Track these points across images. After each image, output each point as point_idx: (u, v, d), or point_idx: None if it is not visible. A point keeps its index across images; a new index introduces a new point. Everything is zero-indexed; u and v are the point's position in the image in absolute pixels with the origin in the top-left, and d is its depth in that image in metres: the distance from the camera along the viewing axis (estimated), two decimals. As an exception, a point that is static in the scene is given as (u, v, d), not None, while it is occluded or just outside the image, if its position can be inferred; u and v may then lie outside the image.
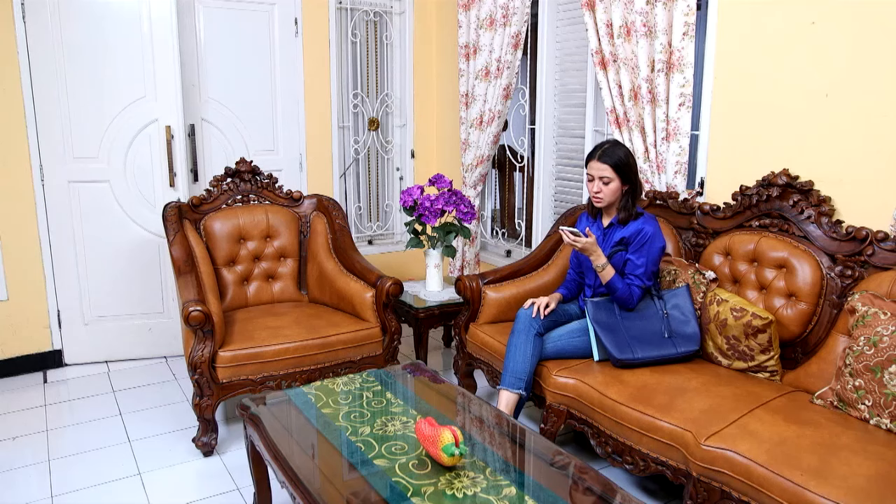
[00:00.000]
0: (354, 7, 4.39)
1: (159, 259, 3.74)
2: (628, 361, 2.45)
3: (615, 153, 2.57)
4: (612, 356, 2.47)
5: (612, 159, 2.56)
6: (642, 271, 2.56)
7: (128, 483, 2.59)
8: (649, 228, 2.58)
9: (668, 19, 2.79)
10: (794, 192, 2.50)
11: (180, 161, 3.64)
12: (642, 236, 2.57)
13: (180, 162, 3.64)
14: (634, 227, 2.59)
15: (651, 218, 2.63)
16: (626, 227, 2.62)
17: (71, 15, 3.40)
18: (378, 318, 3.06)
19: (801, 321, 2.39)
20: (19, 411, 3.20)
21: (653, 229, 2.58)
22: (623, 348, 2.46)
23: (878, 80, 2.29)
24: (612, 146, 2.60)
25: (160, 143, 3.61)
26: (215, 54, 3.91)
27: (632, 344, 2.47)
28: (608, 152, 2.57)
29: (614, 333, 2.50)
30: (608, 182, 2.57)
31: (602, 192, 2.60)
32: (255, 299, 3.38)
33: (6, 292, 3.53)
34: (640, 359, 2.45)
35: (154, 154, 3.61)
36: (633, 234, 2.58)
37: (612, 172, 2.56)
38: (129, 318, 3.76)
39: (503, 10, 3.70)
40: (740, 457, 1.89)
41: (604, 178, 2.57)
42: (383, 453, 1.87)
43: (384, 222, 4.84)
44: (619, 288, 2.54)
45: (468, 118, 4.10)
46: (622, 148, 2.60)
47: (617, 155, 2.56)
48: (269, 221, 3.45)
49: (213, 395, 2.70)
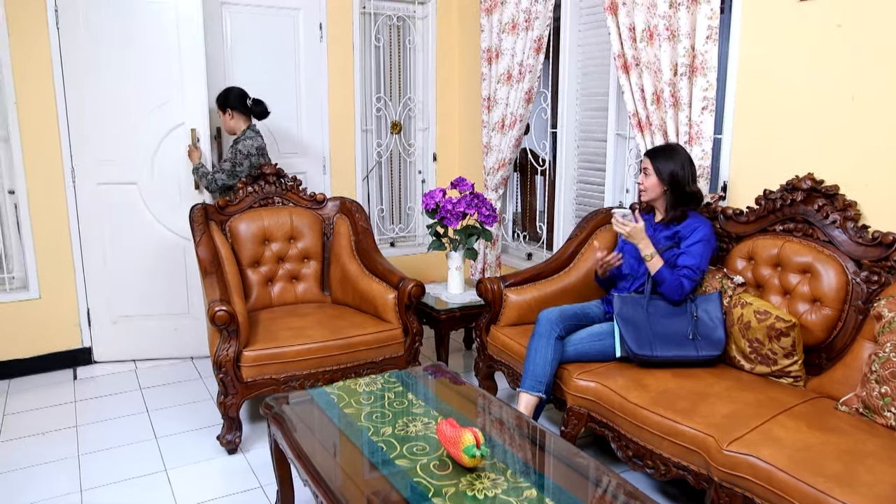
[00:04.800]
0: (378, 12, 4.44)
1: (185, 260, 3.80)
2: (646, 358, 2.45)
3: (663, 150, 2.70)
4: (630, 350, 2.47)
5: (655, 153, 2.69)
6: (696, 262, 2.55)
7: (154, 479, 2.64)
8: (706, 227, 2.63)
9: (692, 23, 2.79)
10: (819, 197, 2.48)
11: (206, 163, 3.70)
12: (697, 231, 2.60)
13: (206, 164, 3.70)
14: (689, 224, 2.65)
15: (706, 221, 2.67)
16: (679, 225, 2.67)
17: (101, 20, 3.48)
18: (400, 320, 3.08)
19: (825, 326, 2.37)
20: (50, 407, 3.28)
21: (709, 229, 2.63)
22: (643, 344, 2.46)
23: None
24: (669, 145, 2.73)
25: (186, 145, 3.67)
26: (241, 58, 3.97)
27: (653, 342, 2.46)
28: (659, 148, 2.72)
29: (637, 329, 2.50)
30: (649, 174, 2.69)
31: (643, 183, 2.71)
32: (279, 300, 3.43)
33: (38, 291, 3.62)
34: (658, 357, 2.45)
35: (180, 157, 3.68)
36: (688, 229, 2.63)
37: (651, 165, 2.67)
38: (156, 317, 3.83)
39: (525, 15, 3.71)
40: (763, 462, 1.87)
41: (646, 170, 2.70)
42: (405, 454, 1.89)
43: (406, 224, 4.87)
44: (667, 279, 2.54)
45: (490, 122, 4.11)
46: (675, 149, 2.69)
47: (663, 151, 2.68)
48: (293, 223, 3.49)
49: (238, 394, 2.75)
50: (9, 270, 3.64)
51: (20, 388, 3.51)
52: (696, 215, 2.68)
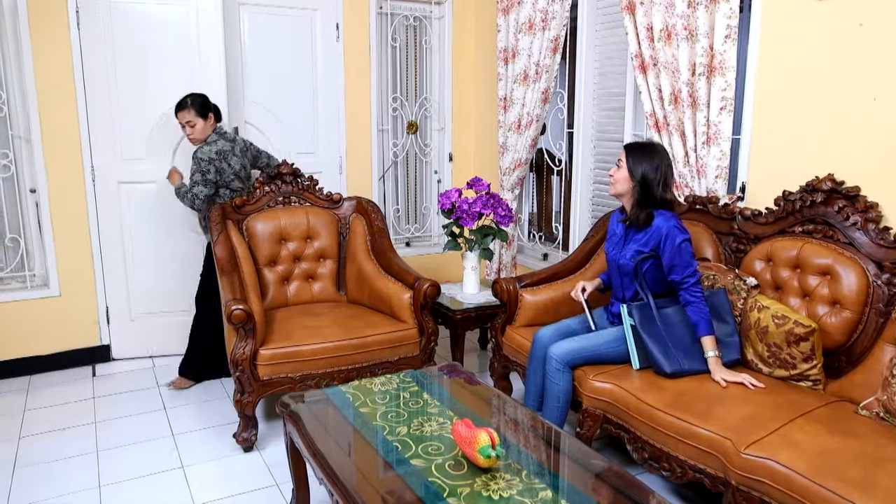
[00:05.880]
0: (394, 12, 4.45)
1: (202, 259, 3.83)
2: (679, 375, 2.41)
3: (642, 146, 2.58)
4: (662, 370, 2.42)
5: (633, 148, 2.58)
6: (691, 268, 2.49)
7: (171, 475, 2.67)
8: (663, 224, 2.50)
9: (710, 22, 2.76)
10: (840, 198, 2.45)
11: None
12: (664, 239, 2.49)
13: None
14: (653, 233, 2.52)
15: (662, 214, 2.54)
16: (644, 232, 2.55)
17: (122, 21, 3.53)
18: (415, 320, 3.09)
19: (845, 330, 2.34)
20: (69, 403, 3.33)
21: (666, 224, 2.50)
22: (672, 361, 2.42)
23: (929, 83, 2.24)
24: (651, 144, 2.61)
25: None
26: (258, 58, 4.00)
27: (678, 356, 2.43)
28: (639, 144, 2.61)
29: (661, 344, 2.45)
30: (620, 167, 2.58)
31: (614, 175, 2.61)
32: (295, 299, 3.45)
33: (59, 289, 3.67)
34: (686, 370, 2.42)
35: (199, 156, 3.71)
36: (656, 240, 2.51)
37: (625, 158, 2.57)
38: (174, 315, 3.86)
39: (542, 15, 3.70)
40: (781, 466, 1.86)
41: (620, 162, 2.59)
42: (420, 453, 1.89)
43: (422, 224, 4.87)
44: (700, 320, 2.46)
45: (506, 122, 4.11)
46: (655, 149, 2.56)
47: (641, 148, 2.57)
48: (310, 223, 3.51)
49: (254, 392, 2.77)
50: (30, 268, 3.69)
51: (40, 384, 3.56)
52: (661, 212, 2.55)
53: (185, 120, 3.24)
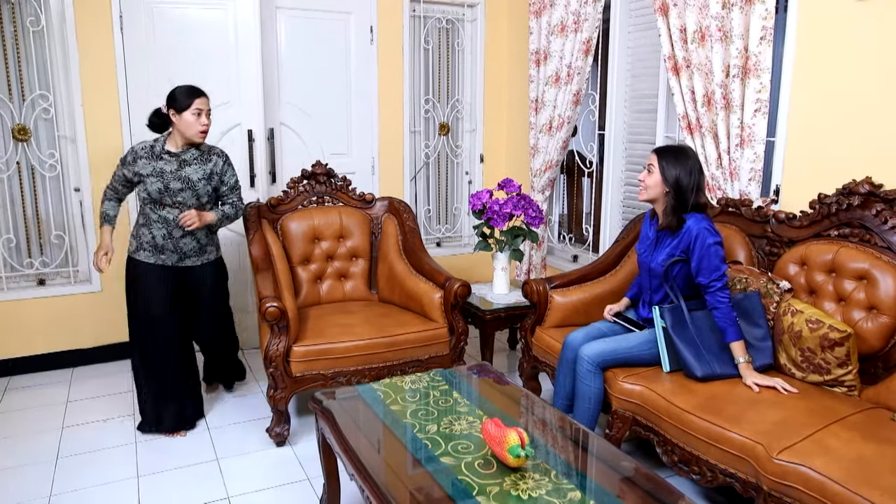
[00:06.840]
0: (428, 15, 4.48)
1: (238, 257, 3.92)
2: (710, 378, 2.40)
3: (673, 150, 2.54)
4: (693, 373, 2.40)
5: (664, 152, 2.54)
6: (718, 275, 2.46)
7: (206, 468, 2.74)
8: (694, 226, 2.48)
9: (745, 23, 2.74)
10: (877, 202, 2.41)
11: (260, 163, 3.81)
12: (694, 240, 2.47)
13: (260, 164, 3.81)
14: (684, 235, 2.51)
15: (693, 216, 2.51)
16: (675, 236, 2.55)
17: (163, 25, 3.63)
18: (446, 319, 3.12)
19: (882, 335, 2.30)
20: (110, 395, 3.43)
21: (697, 225, 2.48)
22: (703, 365, 2.41)
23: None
24: (682, 147, 2.57)
25: (242, 145, 3.78)
26: (294, 60, 4.06)
27: (710, 360, 2.42)
28: (670, 147, 2.58)
29: (694, 349, 2.44)
30: (652, 172, 2.54)
31: (644, 181, 2.57)
32: (328, 297, 3.50)
33: (100, 285, 3.78)
34: (718, 374, 2.40)
35: (236, 156, 3.78)
36: (686, 242, 2.50)
37: (657, 163, 2.53)
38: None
39: (574, 17, 3.70)
40: (815, 473, 1.84)
41: (651, 167, 2.55)
42: (449, 451, 1.92)
43: (453, 225, 4.90)
44: (727, 326, 2.44)
45: (537, 123, 4.11)
46: (686, 153, 2.53)
47: (672, 152, 2.53)
48: (343, 222, 3.56)
49: (287, 388, 2.82)
50: (73, 264, 3.81)
51: (82, 376, 3.68)
52: (693, 214, 2.52)
53: (207, 108, 2.88)
